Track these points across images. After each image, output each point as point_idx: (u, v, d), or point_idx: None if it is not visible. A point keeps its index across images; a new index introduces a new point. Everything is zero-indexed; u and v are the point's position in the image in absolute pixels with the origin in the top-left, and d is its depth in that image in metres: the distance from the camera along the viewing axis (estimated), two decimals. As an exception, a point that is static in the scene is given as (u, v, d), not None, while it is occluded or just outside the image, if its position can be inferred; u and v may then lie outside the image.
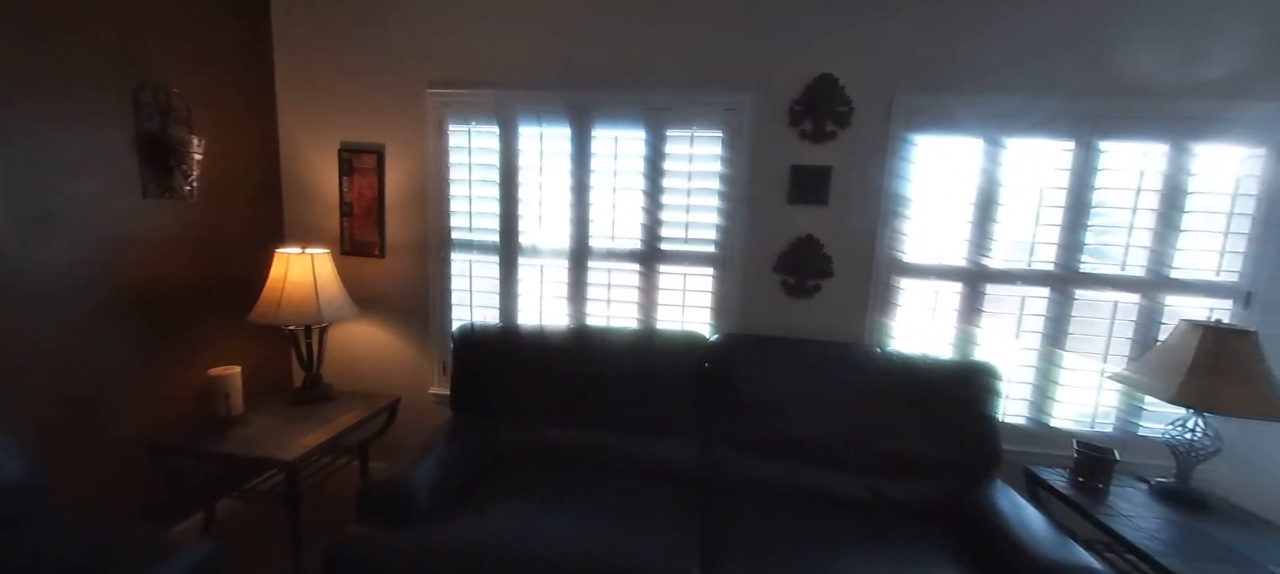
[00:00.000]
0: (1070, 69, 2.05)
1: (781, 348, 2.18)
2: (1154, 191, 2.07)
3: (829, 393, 2.06)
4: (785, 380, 2.10)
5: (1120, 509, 1.77)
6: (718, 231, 2.36)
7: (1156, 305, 2.10)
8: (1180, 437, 1.84)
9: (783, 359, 2.14)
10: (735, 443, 2.09)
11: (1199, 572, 1.45)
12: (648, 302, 2.43)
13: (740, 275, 2.37)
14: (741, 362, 2.16)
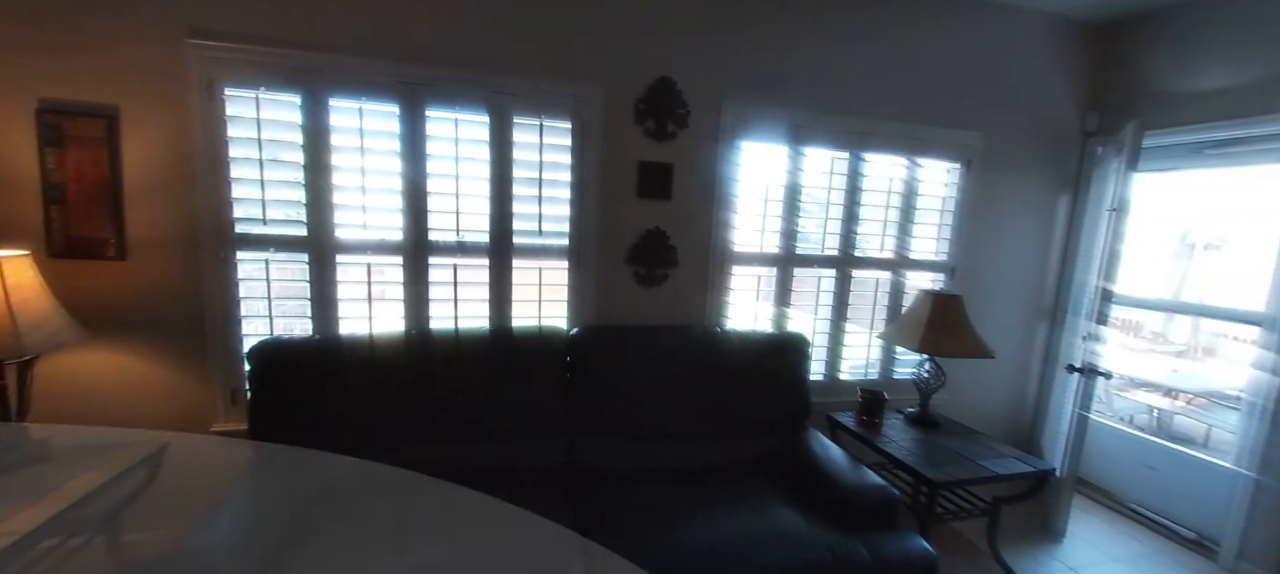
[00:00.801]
0: (849, 98, 2.48)
1: (637, 336, 2.22)
2: (897, 193, 2.64)
3: (680, 373, 2.17)
4: (642, 366, 2.14)
5: (890, 435, 2.25)
6: (572, 225, 2.27)
7: (902, 280, 2.71)
8: (921, 376, 2.40)
9: (639, 346, 2.18)
10: (601, 432, 2.07)
11: (941, 472, 1.92)
12: (501, 298, 2.23)
13: (595, 268, 2.32)
14: (601, 352, 2.13)
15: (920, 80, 2.57)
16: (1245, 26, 2.27)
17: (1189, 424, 2.75)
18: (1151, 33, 2.59)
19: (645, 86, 2.26)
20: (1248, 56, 2.26)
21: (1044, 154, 2.83)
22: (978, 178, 2.69)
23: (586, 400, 2.07)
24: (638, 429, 2.09)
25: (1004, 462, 2.04)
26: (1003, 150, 2.73)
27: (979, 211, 2.74)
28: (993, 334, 2.68)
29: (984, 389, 2.91)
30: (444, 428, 1.88)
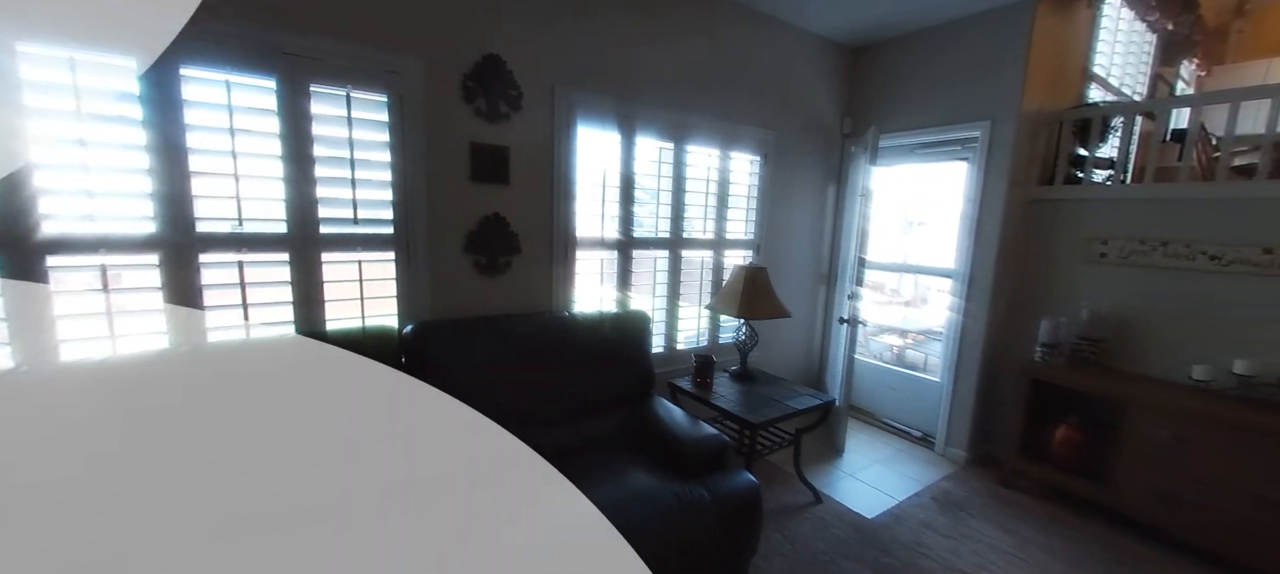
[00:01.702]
0: (672, 92, 2.62)
1: (481, 327, 2.06)
2: (714, 181, 2.90)
3: (530, 360, 2.08)
4: (490, 357, 1.99)
5: (720, 392, 2.48)
6: (396, 211, 1.99)
7: (722, 258, 3.00)
8: (740, 338, 2.70)
9: (484, 338, 2.02)
10: (448, 433, 1.87)
11: (758, 416, 2.19)
12: (309, 298, 1.85)
13: (429, 258, 2.08)
14: (442, 349, 1.92)
15: (731, 81, 2.84)
16: (937, 61, 3.00)
17: (915, 355, 3.61)
18: (885, 57, 3.27)
19: (473, 63, 2.08)
20: (940, 81, 3.00)
21: (817, 150, 3.39)
22: (773, 169, 3.09)
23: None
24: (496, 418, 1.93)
25: (801, 399, 2.41)
26: (790, 146, 3.19)
27: (774, 197, 3.16)
28: (789, 297, 3.13)
29: (785, 343, 3.41)
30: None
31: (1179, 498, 2.14)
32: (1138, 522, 2.27)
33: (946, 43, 2.92)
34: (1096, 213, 2.64)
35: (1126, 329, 2.54)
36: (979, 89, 2.79)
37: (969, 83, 2.83)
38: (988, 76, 2.75)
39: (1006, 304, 2.89)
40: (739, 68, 2.86)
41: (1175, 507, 2.15)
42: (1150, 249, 2.45)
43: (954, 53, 2.89)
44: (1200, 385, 2.23)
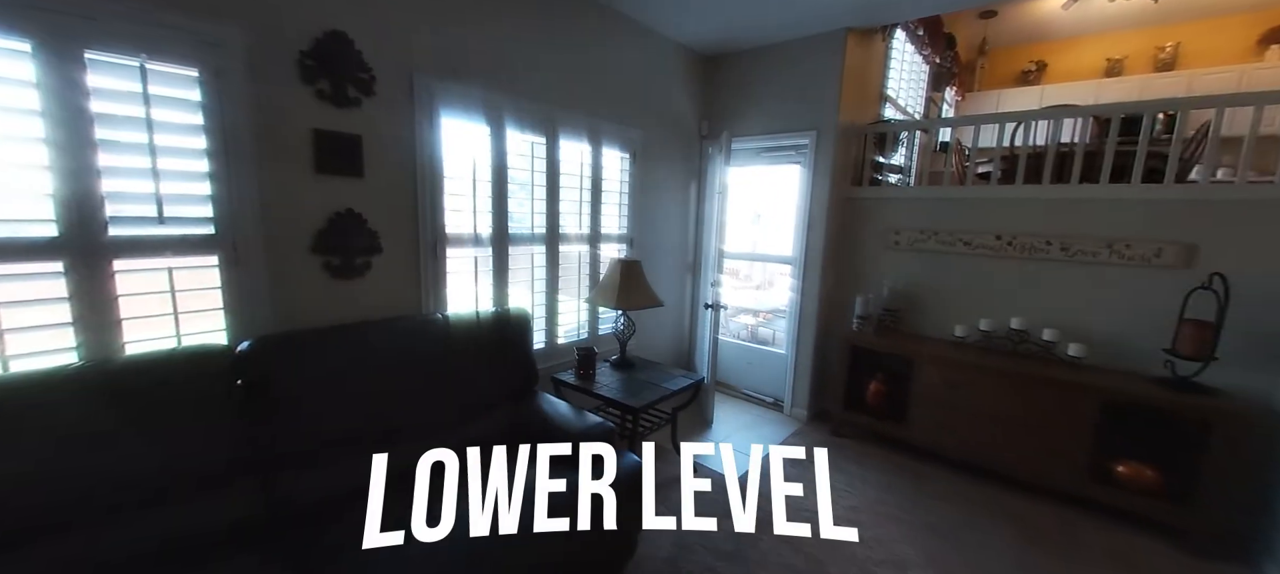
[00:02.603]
0: (541, 86, 2.61)
1: (340, 336, 1.86)
2: (588, 176, 2.97)
3: (403, 368, 1.94)
4: (353, 369, 1.81)
5: (602, 382, 2.58)
6: (218, 207, 1.69)
7: (598, 252, 3.08)
8: (618, 328, 2.82)
9: (344, 348, 1.83)
10: (307, 461, 1.66)
11: (639, 399, 2.34)
12: (100, 318, 1.49)
13: (265, 261, 1.80)
14: (292, 365, 1.69)
15: (600, 79, 2.92)
16: (776, 76, 3.44)
17: (765, 331, 4.12)
18: (735, 68, 3.63)
19: (311, 39, 1.84)
20: (778, 94, 3.44)
21: (680, 150, 3.66)
22: (641, 166, 3.26)
23: (279, 425, 1.62)
24: (357, 441, 1.76)
25: (676, 381, 2.62)
26: (656, 144, 3.39)
27: (644, 193, 3.34)
28: (661, 287, 3.35)
29: (659, 330, 3.64)
30: (49, 514, 1.17)
31: (951, 427, 2.81)
32: (927, 449, 2.93)
33: (783, 60, 3.36)
34: (891, 209, 3.30)
35: (913, 301, 3.23)
36: (807, 103, 3.28)
37: (800, 97, 3.31)
38: (813, 93, 3.25)
39: (832, 284, 3.47)
40: (607, 67, 2.95)
41: (949, 434, 2.82)
42: (926, 238, 3.15)
43: (789, 70, 3.35)
44: (959, 340, 2.95)
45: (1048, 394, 2.50)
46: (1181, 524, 2.24)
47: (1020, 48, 5.61)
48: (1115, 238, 2.57)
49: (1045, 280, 2.77)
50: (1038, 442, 2.54)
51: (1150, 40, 4.91)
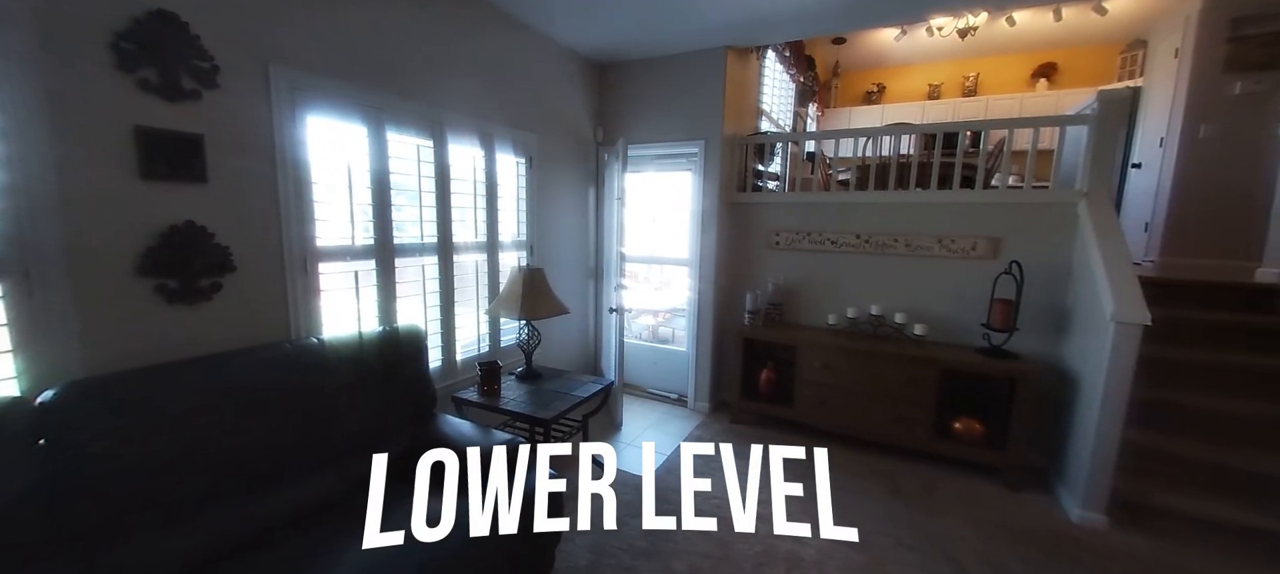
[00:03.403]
0: (428, 86, 2.44)
1: (181, 374, 1.56)
2: (482, 182, 2.84)
3: (266, 404, 1.69)
4: (201, 412, 1.54)
5: (508, 396, 2.48)
6: (3, 222, 1.33)
7: (496, 260, 2.96)
8: (523, 339, 2.74)
9: (188, 387, 1.54)
10: (141, 533, 1.37)
11: (549, 410, 2.30)
12: None
13: (72, 288, 1.46)
14: (116, 415, 1.39)
15: (492, 82, 2.81)
16: (667, 86, 3.59)
17: (666, 331, 4.27)
18: (628, 77, 3.72)
19: (130, 18, 1.54)
20: (670, 104, 3.60)
21: (577, 155, 3.66)
22: (538, 171, 3.20)
23: (100, 493, 1.31)
24: (211, 494, 1.50)
25: (585, 387, 2.62)
26: (552, 150, 3.35)
27: (543, 199, 3.28)
28: (565, 294, 3.30)
29: (565, 337, 3.60)
30: None
31: (828, 404, 3.16)
32: (810, 425, 3.26)
33: (672, 72, 3.52)
34: (771, 213, 3.63)
35: (794, 294, 3.58)
36: (695, 114, 3.48)
37: (689, 108, 3.50)
38: (700, 104, 3.45)
39: (725, 283, 3.71)
40: (499, 69, 2.86)
41: (828, 409, 3.17)
42: (801, 238, 3.51)
43: (678, 82, 3.52)
44: (832, 327, 3.33)
45: (901, 368, 2.93)
46: (1000, 464, 2.76)
47: (865, 71, 6.50)
48: (943, 235, 3.09)
49: (895, 272, 3.24)
50: (895, 409, 2.96)
51: (959, 70, 5.99)
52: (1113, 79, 5.01)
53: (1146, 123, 4.28)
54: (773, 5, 2.76)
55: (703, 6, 2.75)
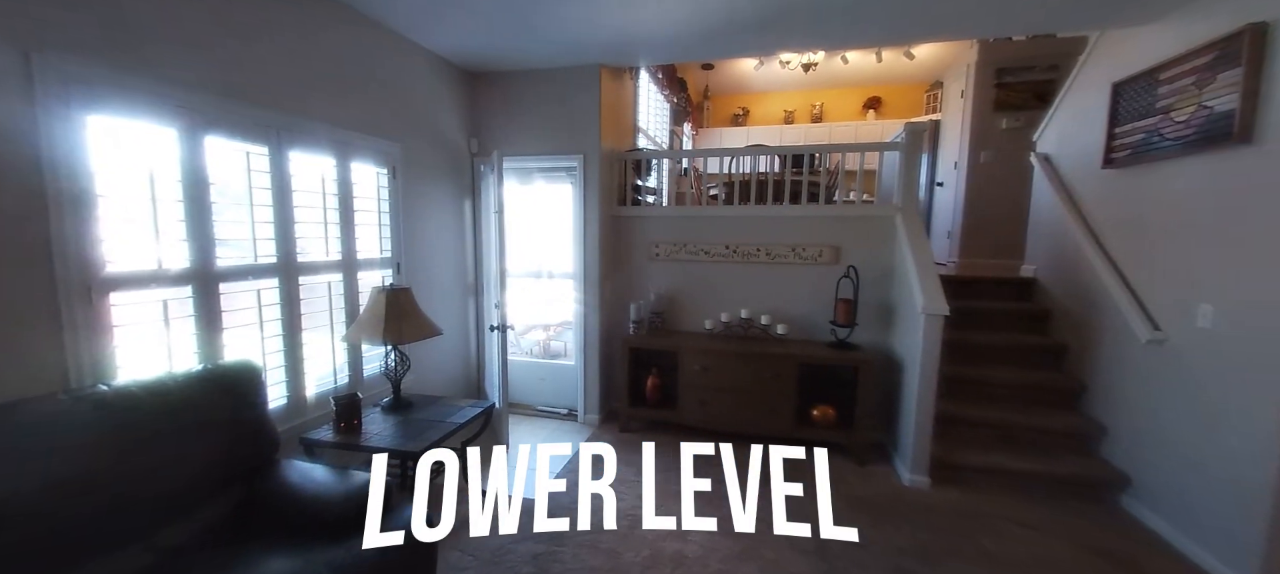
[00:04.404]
0: (263, 88, 2.15)
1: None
2: (334, 194, 2.57)
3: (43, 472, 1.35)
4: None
5: (372, 431, 2.26)
6: None
7: (355, 280, 2.69)
8: (389, 366, 2.51)
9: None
10: None
11: (420, 442, 2.13)
12: None
13: None
14: None
15: (345, 86, 2.56)
16: (543, 99, 3.58)
17: (557, 345, 4.22)
18: (502, 87, 3.63)
19: None
20: (546, 117, 3.59)
21: (449, 166, 3.48)
22: (403, 183, 2.99)
23: None
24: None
25: (463, 413, 2.48)
26: (419, 160, 3.15)
27: (411, 212, 3.07)
28: (439, 314, 3.11)
29: (441, 360, 3.38)
30: None
31: (709, 404, 3.36)
32: (693, 426, 3.43)
33: (549, 86, 3.53)
34: (651, 225, 3.79)
35: (675, 303, 3.76)
36: (573, 128, 3.52)
37: (566, 122, 3.53)
38: (578, 119, 3.50)
39: (610, 294, 3.78)
40: (354, 72, 2.62)
41: (708, 409, 3.37)
42: (679, 249, 3.71)
43: (554, 96, 3.53)
44: (709, 332, 3.56)
45: (767, 365, 3.23)
46: (850, 442, 3.16)
47: (732, 95, 7.11)
48: (797, 244, 3.48)
49: (759, 278, 3.57)
50: (763, 402, 3.25)
51: (808, 99, 6.82)
52: (921, 112, 6.09)
53: (945, 149, 5.26)
54: (639, 30, 2.91)
55: (570, 24, 2.80)
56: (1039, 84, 4.42)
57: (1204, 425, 2.27)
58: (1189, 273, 2.39)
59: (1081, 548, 2.38)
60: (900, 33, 3.36)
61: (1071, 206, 3.27)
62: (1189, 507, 2.34)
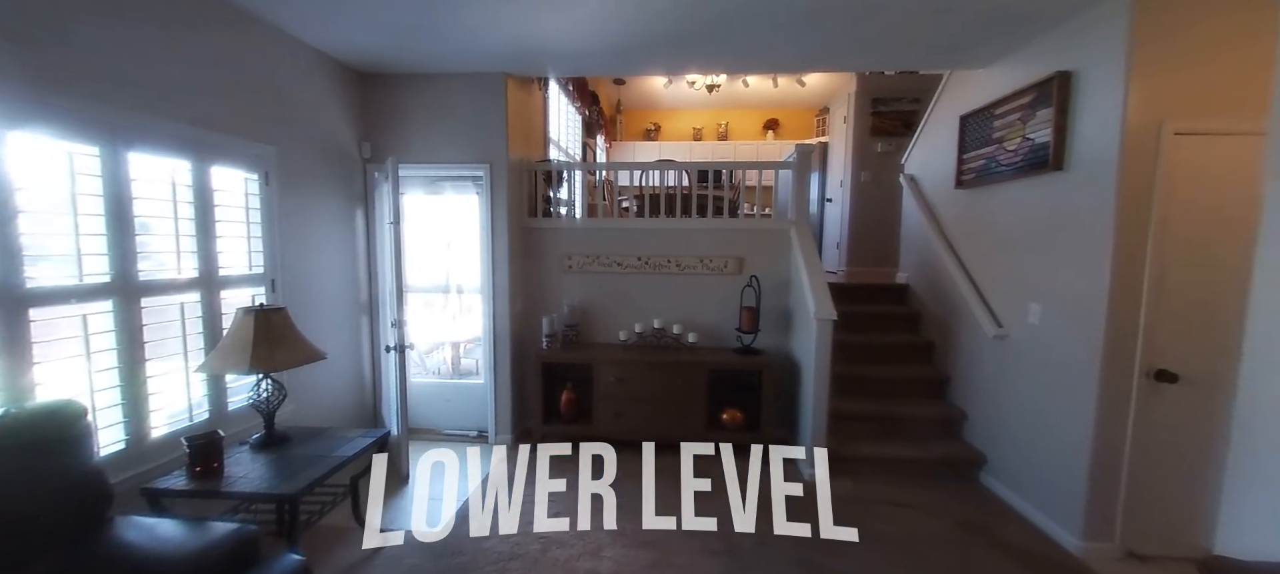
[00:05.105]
0: (93, 76, 1.82)
1: None
2: (188, 202, 2.24)
3: None
4: None
5: (237, 473, 1.97)
6: None
7: (216, 300, 2.35)
8: (259, 397, 2.22)
9: None
10: None
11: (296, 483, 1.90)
12: None
13: None
14: None
15: (202, 82, 2.25)
16: (444, 105, 3.41)
17: (468, 363, 3.99)
18: (397, 90, 3.41)
19: None
20: (448, 124, 3.42)
21: (337, 173, 3.19)
22: (280, 190, 2.68)
23: None
24: None
25: (352, 444, 2.25)
26: (300, 166, 2.85)
27: (290, 223, 2.76)
28: (325, 335, 2.83)
29: (328, 387, 3.05)
30: None
31: (625, 415, 3.37)
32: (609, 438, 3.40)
33: (452, 92, 3.37)
34: (564, 237, 3.75)
35: (589, 315, 3.74)
36: (478, 136, 3.39)
37: (470, 130, 3.39)
38: (483, 128, 3.38)
39: (522, 308, 3.67)
40: (217, 66, 2.32)
41: (624, 420, 3.38)
42: (592, 260, 3.71)
43: (458, 102, 3.38)
44: (624, 343, 3.58)
45: (679, 373, 3.31)
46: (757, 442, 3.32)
47: (645, 111, 7.30)
48: (705, 255, 3.63)
49: (671, 289, 3.67)
50: (676, 410, 3.33)
51: (715, 118, 7.19)
52: (813, 135, 6.67)
53: (832, 169, 5.80)
54: (544, 42, 2.88)
55: (472, 29, 2.70)
56: (907, 114, 5.05)
57: (1037, 406, 2.69)
58: (1022, 277, 2.83)
59: (948, 522, 2.70)
60: (785, 63, 3.66)
61: (933, 222, 3.75)
62: (1030, 478, 2.75)
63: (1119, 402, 2.27)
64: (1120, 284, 2.21)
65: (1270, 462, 1.36)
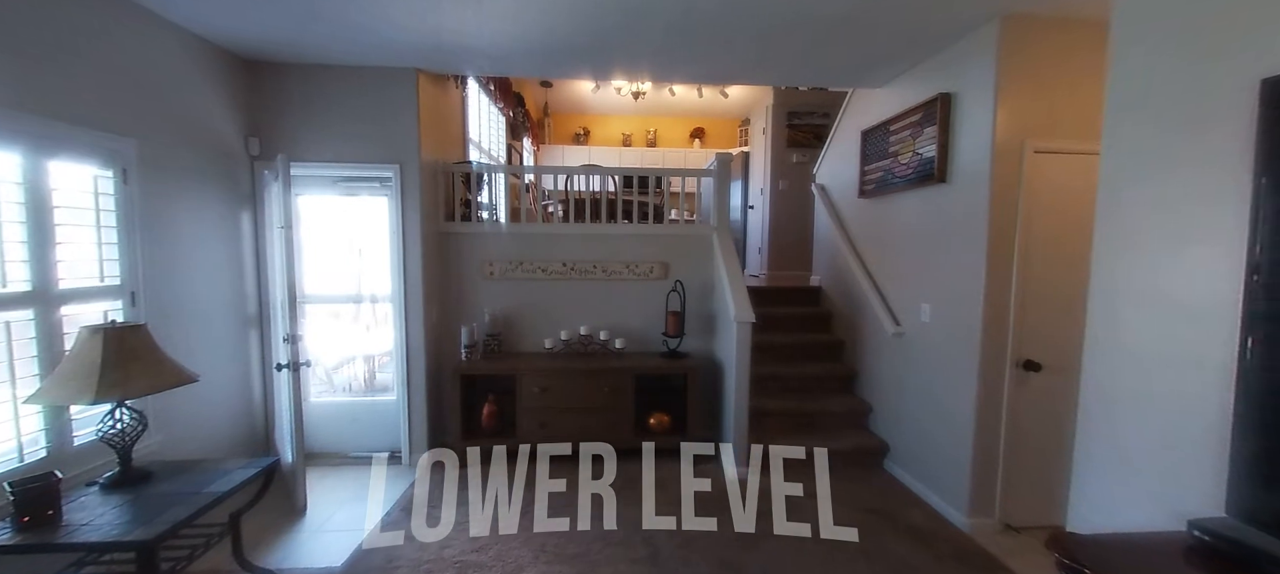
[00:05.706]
0: None
1: None
2: (17, 203, 1.89)
3: None
4: None
5: (79, 520, 1.67)
6: None
7: (54, 318, 2.00)
8: (111, 429, 1.91)
9: None
10: None
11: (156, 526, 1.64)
12: None
13: None
14: None
15: (41, 61, 1.91)
16: (347, 100, 3.15)
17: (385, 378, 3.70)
18: (292, 81, 3.10)
19: None
20: (352, 119, 3.17)
21: (217, 171, 2.85)
22: (142, 189, 2.34)
23: None
24: None
25: (228, 477, 1.99)
26: (168, 162, 2.51)
27: (157, 228, 2.42)
28: (202, 354, 2.52)
29: (206, 412, 2.70)
30: None
31: (550, 425, 3.28)
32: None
33: (356, 85, 3.13)
34: (484, 243, 3.60)
35: (511, 324, 3.62)
36: (387, 135, 3.17)
37: (378, 127, 3.17)
38: (392, 125, 3.17)
39: (438, 318, 3.47)
40: (57, 44, 1.98)
41: (549, 431, 3.29)
42: (515, 267, 3.59)
43: (361, 96, 3.14)
44: (549, 351, 3.49)
45: (606, 380, 3.29)
46: (685, 441, 3.36)
47: (573, 115, 7.23)
48: (631, 261, 3.64)
49: (597, 295, 3.64)
50: (604, 417, 3.30)
51: (643, 125, 7.27)
52: (736, 144, 6.93)
53: (753, 177, 6.06)
54: (456, 38, 2.75)
55: (369, 17, 2.52)
56: (818, 127, 5.38)
57: (930, 397, 2.94)
58: (915, 279, 3.09)
59: (858, 510, 2.88)
60: (703, 73, 3.76)
61: (840, 228, 4.01)
62: (925, 463, 3.00)
63: (995, 390, 2.53)
64: (994, 283, 2.48)
65: (1108, 444, 1.56)
